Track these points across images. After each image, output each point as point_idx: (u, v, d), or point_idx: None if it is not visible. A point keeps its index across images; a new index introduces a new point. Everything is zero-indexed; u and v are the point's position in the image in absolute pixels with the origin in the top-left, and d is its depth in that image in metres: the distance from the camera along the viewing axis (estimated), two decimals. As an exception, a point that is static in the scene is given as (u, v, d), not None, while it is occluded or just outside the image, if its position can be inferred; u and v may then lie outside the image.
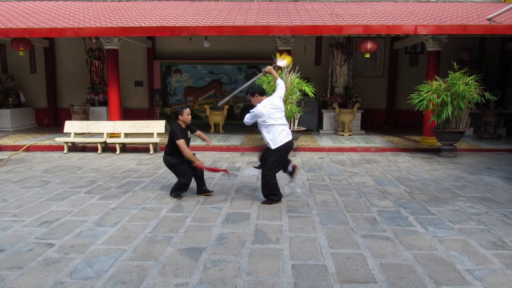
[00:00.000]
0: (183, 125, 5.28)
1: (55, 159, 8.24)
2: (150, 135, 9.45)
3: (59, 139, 9.17)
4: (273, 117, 4.86)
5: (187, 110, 5.27)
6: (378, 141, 10.25)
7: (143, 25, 9.13)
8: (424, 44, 10.21)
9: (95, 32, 9.30)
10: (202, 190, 5.52)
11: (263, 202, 5.09)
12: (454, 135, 8.43)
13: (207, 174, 6.84)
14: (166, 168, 7.39)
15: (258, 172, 6.99)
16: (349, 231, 4.17)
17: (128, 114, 12.56)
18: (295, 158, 8.32)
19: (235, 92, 5.55)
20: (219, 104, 6.06)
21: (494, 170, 7.18)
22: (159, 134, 9.44)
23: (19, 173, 6.94)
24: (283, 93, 5.18)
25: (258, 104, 4.89)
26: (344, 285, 3.06)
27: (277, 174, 5.07)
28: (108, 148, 9.30)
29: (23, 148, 9.23)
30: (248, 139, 10.49)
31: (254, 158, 8.41)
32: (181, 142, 5.10)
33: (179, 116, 5.24)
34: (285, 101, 8.45)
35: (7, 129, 11.88)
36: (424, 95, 8.37)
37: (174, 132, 5.15)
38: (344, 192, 5.63)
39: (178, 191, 5.39)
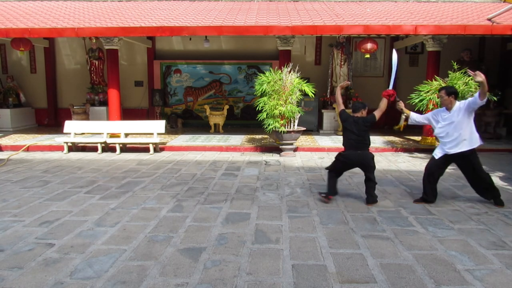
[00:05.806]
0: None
1: (55, 159, 8.24)
2: (150, 135, 9.45)
3: (59, 139, 9.16)
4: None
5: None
6: (378, 141, 10.24)
7: (143, 25, 9.13)
8: (424, 44, 10.21)
9: (95, 32, 9.30)
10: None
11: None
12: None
13: (207, 174, 6.86)
14: (166, 168, 7.50)
15: (258, 172, 7.00)
16: (349, 231, 4.17)
17: (128, 114, 12.55)
18: (295, 158, 8.32)
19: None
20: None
21: (494, 170, 7.17)
22: (159, 134, 9.44)
23: (19, 173, 6.94)
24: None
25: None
26: (344, 285, 3.06)
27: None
28: (108, 148, 9.30)
29: (23, 148, 9.24)
30: (248, 139, 10.48)
31: (254, 158, 8.43)
32: (377, 114, 5.29)
33: (362, 110, 5.33)
34: (285, 101, 8.46)
35: (7, 129, 11.88)
36: (424, 95, 8.37)
37: (370, 119, 5.22)
38: (344, 192, 5.62)
39: (375, 194, 5.18)
